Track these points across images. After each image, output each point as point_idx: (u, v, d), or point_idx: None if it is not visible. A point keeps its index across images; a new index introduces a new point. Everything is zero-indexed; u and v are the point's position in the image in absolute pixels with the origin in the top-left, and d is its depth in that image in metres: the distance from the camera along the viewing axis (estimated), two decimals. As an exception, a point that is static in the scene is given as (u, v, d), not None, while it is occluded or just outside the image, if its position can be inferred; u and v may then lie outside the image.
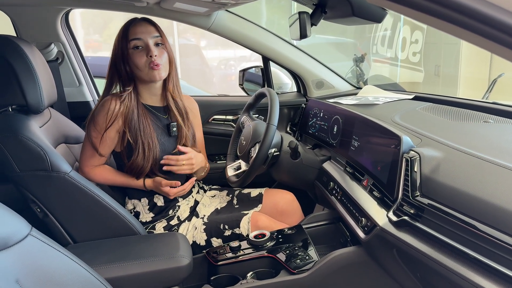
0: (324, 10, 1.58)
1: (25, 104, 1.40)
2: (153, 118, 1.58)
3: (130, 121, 1.52)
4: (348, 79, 2.31)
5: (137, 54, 1.49)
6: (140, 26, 1.51)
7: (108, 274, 1.21)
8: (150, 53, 1.48)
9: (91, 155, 1.55)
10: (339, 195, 1.45)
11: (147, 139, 1.52)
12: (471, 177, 0.96)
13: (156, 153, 1.54)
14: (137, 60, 1.49)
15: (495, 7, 0.50)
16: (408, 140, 1.17)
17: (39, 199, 1.35)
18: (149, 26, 1.53)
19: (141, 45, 1.50)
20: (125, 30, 1.51)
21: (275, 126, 1.48)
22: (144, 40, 1.50)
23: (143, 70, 1.50)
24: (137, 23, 1.52)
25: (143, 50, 1.50)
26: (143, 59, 1.49)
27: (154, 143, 1.54)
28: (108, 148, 1.56)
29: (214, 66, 8.23)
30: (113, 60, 1.54)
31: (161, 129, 1.60)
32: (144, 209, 1.62)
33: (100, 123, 1.51)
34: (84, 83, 2.17)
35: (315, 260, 1.37)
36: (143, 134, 1.52)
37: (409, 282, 1.17)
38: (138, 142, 1.51)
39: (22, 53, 1.37)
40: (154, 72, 1.50)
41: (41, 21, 1.99)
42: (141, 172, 1.54)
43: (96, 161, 1.56)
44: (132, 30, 1.50)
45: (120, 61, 1.51)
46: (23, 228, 0.74)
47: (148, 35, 1.50)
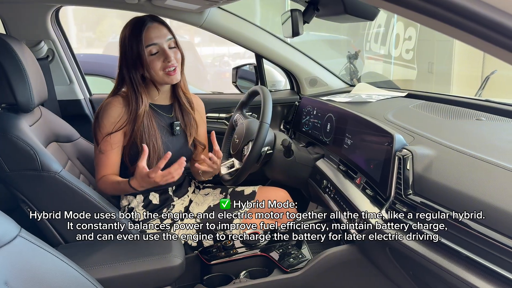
0: (317, 7, 1.58)
1: (15, 103, 1.38)
2: (158, 118, 1.57)
3: (135, 122, 1.49)
4: (342, 76, 2.31)
5: (153, 59, 1.46)
6: (154, 30, 1.47)
7: (100, 275, 1.20)
8: (168, 58, 1.45)
9: (103, 163, 1.50)
10: (332, 193, 1.45)
11: (152, 141, 1.50)
12: (463, 175, 0.96)
13: (160, 154, 1.52)
14: (153, 65, 1.46)
15: (488, 7, 0.49)
16: (400, 138, 1.17)
17: (30, 199, 1.33)
18: (162, 29, 1.48)
19: (157, 50, 1.47)
20: (137, 35, 1.46)
21: (268, 124, 1.48)
22: (160, 45, 1.46)
23: (158, 74, 1.47)
24: (151, 26, 1.47)
25: (160, 55, 1.47)
26: (159, 64, 1.46)
27: (158, 144, 1.51)
28: (118, 152, 1.51)
29: (208, 63, 8.20)
30: (125, 62, 1.49)
31: (165, 128, 1.58)
32: (139, 206, 1.61)
33: (107, 126, 1.48)
34: (75, 81, 2.15)
35: (308, 258, 1.37)
36: (147, 136, 1.50)
37: (402, 280, 1.17)
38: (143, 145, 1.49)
39: (11, 51, 1.35)
40: (170, 78, 1.48)
41: (31, 18, 1.97)
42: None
43: (108, 169, 1.51)
44: (147, 35, 1.45)
45: (135, 65, 1.47)
46: (12, 229, 0.74)
47: (163, 39, 1.47)
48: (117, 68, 1.53)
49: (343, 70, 3.09)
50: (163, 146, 1.54)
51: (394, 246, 1.06)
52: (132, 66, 1.48)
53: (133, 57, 1.46)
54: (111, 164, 1.52)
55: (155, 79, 1.50)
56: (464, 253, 0.86)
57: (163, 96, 1.59)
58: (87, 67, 2.66)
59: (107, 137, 1.47)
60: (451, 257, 0.90)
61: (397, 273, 1.16)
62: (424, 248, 0.96)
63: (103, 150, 1.49)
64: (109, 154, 1.50)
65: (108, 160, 1.50)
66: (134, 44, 1.46)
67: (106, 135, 1.48)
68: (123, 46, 1.49)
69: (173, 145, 1.59)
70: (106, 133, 1.48)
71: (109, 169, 1.52)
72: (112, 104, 1.50)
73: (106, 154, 1.49)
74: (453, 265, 0.88)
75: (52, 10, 1.98)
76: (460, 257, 0.87)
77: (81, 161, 1.72)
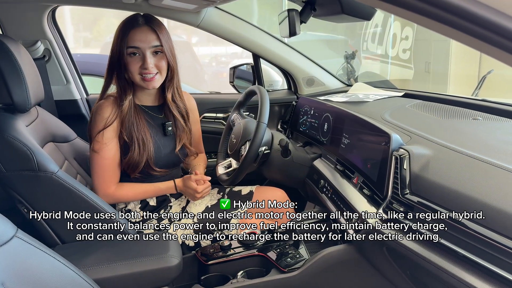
0: (314, 7, 1.58)
1: (11, 103, 1.37)
2: (147, 118, 1.57)
3: (125, 121, 1.50)
4: (339, 76, 2.32)
5: (132, 60, 1.46)
6: (140, 33, 1.45)
7: (97, 275, 1.20)
8: (146, 65, 1.45)
9: (105, 170, 1.50)
10: (329, 193, 1.45)
11: (141, 135, 1.51)
12: (460, 174, 0.97)
13: (150, 150, 1.52)
14: (130, 66, 1.46)
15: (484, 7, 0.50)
16: (397, 137, 1.17)
17: (26, 199, 1.33)
18: (149, 34, 1.46)
19: (138, 53, 1.46)
20: (124, 32, 1.46)
21: (266, 124, 1.48)
22: (142, 50, 1.45)
23: (135, 77, 1.48)
24: (138, 28, 1.46)
25: (139, 59, 1.46)
26: (137, 66, 1.46)
27: (147, 139, 1.52)
28: (115, 155, 1.52)
29: (206, 63, 8.19)
30: (110, 62, 1.51)
31: (155, 128, 1.58)
32: (136, 208, 1.61)
33: (100, 127, 1.48)
34: (72, 81, 2.14)
35: (305, 258, 1.37)
36: (136, 130, 1.51)
37: (399, 280, 1.17)
38: (133, 139, 1.50)
39: (7, 50, 1.35)
40: (146, 83, 1.48)
41: (27, 18, 1.96)
42: (136, 168, 1.52)
43: (112, 176, 1.52)
44: (131, 36, 1.45)
45: (117, 64, 1.48)
46: (8, 230, 0.73)
47: (146, 44, 1.45)
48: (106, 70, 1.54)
49: (340, 70, 3.09)
50: (154, 144, 1.54)
51: (392, 245, 1.06)
52: (116, 62, 1.49)
53: (116, 55, 1.48)
54: (116, 174, 1.53)
55: (134, 81, 1.50)
56: (461, 253, 0.86)
57: (150, 98, 1.60)
58: (84, 67, 2.65)
59: (99, 137, 1.48)
60: (448, 257, 0.90)
61: (394, 273, 1.17)
62: (422, 248, 0.97)
63: (97, 150, 1.49)
64: (111, 164, 1.50)
65: (112, 171, 1.51)
66: (119, 41, 1.47)
67: (97, 134, 1.48)
68: (113, 42, 1.50)
69: (166, 145, 1.59)
70: (101, 139, 1.48)
71: (116, 178, 1.53)
72: (101, 106, 1.51)
73: (108, 164, 1.50)
74: (450, 264, 0.88)
75: (49, 10, 1.97)
76: (457, 257, 0.88)
77: (78, 161, 1.72)
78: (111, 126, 1.48)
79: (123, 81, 1.50)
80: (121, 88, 1.51)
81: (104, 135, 1.48)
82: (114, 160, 1.51)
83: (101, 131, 1.47)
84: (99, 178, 1.51)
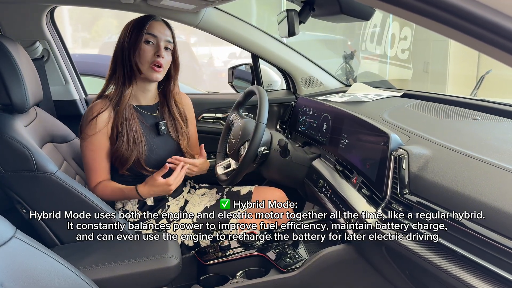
0: (313, 7, 1.58)
1: (10, 103, 1.37)
2: (141, 118, 1.57)
3: (118, 113, 1.51)
4: (338, 76, 2.32)
5: (146, 47, 1.50)
6: (159, 26, 1.53)
7: (96, 276, 1.20)
8: (159, 52, 1.49)
9: (94, 169, 1.52)
10: (328, 193, 1.45)
11: (132, 132, 1.52)
12: (459, 174, 0.97)
13: (141, 148, 1.52)
14: (144, 52, 1.49)
15: (483, 7, 0.50)
16: (396, 137, 1.17)
17: (25, 199, 1.33)
18: (166, 29, 1.54)
19: (153, 42, 1.51)
20: (143, 23, 1.50)
21: (265, 124, 1.48)
22: (158, 39, 1.51)
23: (144, 65, 1.50)
24: (157, 20, 1.54)
25: (153, 47, 1.51)
26: (150, 54, 1.50)
27: (139, 137, 1.52)
28: (106, 156, 1.53)
29: (205, 63, 8.18)
30: (119, 51, 1.53)
31: (148, 128, 1.58)
32: (133, 208, 1.60)
33: (89, 131, 1.50)
34: (70, 81, 2.14)
35: (305, 258, 1.37)
36: (128, 126, 1.51)
37: (398, 280, 1.17)
38: (123, 132, 1.50)
39: (6, 51, 1.35)
40: (153, 72, 1.50)
41: (25, 19, 1.95)
42: (124, 163, 1.52)
43: (101, 174, 1.53)
44: (151, 25, 1.51)
45: (127, 52, 1.50)
46: (7, 231, 0.73)
47: (163, 36, 1.52)
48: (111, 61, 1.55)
49: (339, 70, 3.09)
50: (146, 143, 1.54)
51: (391, 245, 1.06)
52: (126, 52, 1.50)
53: (130, 42, 1.50)
54: (102, 169, 1.53)
55: (140, 70, 1.51)
56: (460, 253, 0.86)
57: (147, 96, 1.60)
58: (83, 67, 2.65)
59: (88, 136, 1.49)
60: (447, 256, 0.90)
61: (393, 273, 1.17)
62: (421, 248, 0.97)
63: (93, 154, 1.50)
64: (97, 158, 1.51)
65: (98, 165, 1.52)
66: (136, 30, 1.50)
67: (92, 139, 1.49)
68: (123, 35, 1.52)
69: (159, 144, 1.59)
70: (90, 138, 1.50)
71: (102, 174, 1.53)
72: (95, 104, 1.52)
73: (94, 158, 1.51)
74: (449, 264, 0.88)
75: (47, 10, 1.97)
76: (456, 256, 0.88)
77: (77, 162, 1.72)
78: (104, 129, 1.49)
79: (129, 68, 1.52)
80: (125, 76, 1.53)
81: (99, 140, 1.50)
82: (105, 165, 1.53)
83: (92, 119, 1.48)
84: (86, 172, 1.55)
